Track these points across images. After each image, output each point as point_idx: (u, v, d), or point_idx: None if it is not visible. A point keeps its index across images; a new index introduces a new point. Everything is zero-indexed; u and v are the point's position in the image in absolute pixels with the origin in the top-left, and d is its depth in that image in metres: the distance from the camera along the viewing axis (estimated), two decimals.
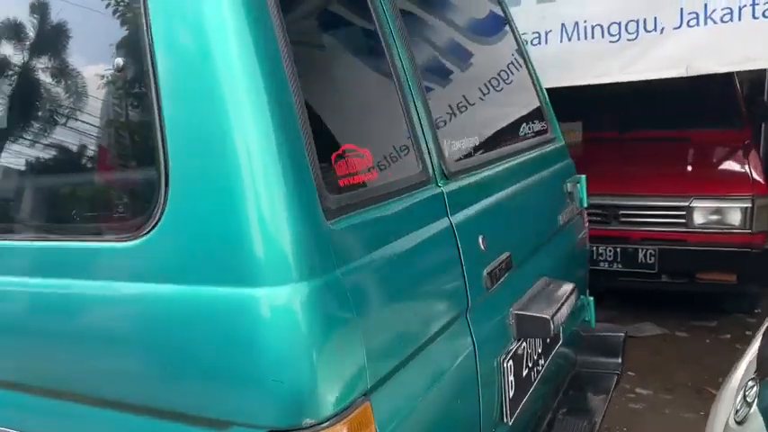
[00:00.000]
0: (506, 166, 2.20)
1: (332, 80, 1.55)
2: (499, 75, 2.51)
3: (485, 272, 1.82)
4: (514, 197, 2.18)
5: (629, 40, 3.96)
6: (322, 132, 1.41)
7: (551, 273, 2.36)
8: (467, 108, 2.15)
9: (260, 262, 1.21)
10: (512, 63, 2.67)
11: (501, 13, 2.71)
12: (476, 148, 2.06)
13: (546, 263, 2.37)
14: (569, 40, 4.07)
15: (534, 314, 1.96)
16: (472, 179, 1.92)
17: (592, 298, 2.97)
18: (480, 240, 1.83)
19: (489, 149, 2.16)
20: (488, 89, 2.40)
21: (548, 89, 3.45)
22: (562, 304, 2.06)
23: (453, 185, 1.81)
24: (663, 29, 3.87)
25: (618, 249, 4.88)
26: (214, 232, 1.25)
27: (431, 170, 1.74)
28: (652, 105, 5.48)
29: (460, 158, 1.94)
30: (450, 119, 2.01)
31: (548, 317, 1.94)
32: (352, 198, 1.40)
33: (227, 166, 1.24)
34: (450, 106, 2.06)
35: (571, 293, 2.16)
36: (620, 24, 3.96)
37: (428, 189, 1.70)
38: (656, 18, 3.87)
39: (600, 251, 4.93)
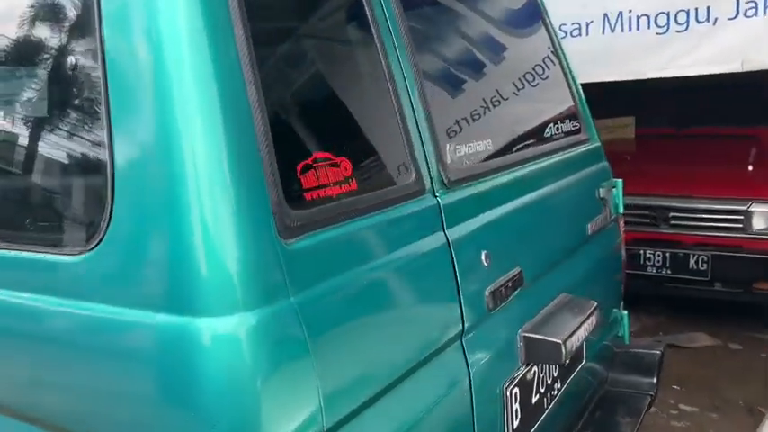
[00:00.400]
0: (524, 171, 2.02)
1: (306, 79, 1.41)
2: (525, 70, 2.32)
3: (487, 291, 1.65)
4: (531, 206, 1.99)
5: (678, 31, 3.66)
6: (288, 140, 1.27)
7: (576, 288, 2.17)
8: (482, 108, 1.98)
9: (200, 288, 1.08)
10: (542, 57, 2.47)
11: (533, 1, 2.51)
12: (487, 153, 1.88)
13: (569, 277, 2.17)
14: (612, 31, 3.80)
15: (544, 337, 1.78)
16: (478, 188, 1.75)
17: (626, 312, 2.76)
18: (483, 256, 1.66)
19: (504, 153, 1.98)
20: (512, 86, 2.21)
21: (596, 83, 3.22)
22: (579, 326, 1.88)
23: (453, 196, 1.64)
24: (716, 19, 3.56)
25: (667, 254, 4.61)
26: (156, 252, 1.13)
27: (427, 179, 1.58)
28: (712, 100, 5.15)
29: (467, 165, 1.76)
30: (460, 120, 1.84)
31: (559, 341, 1.76)
32: (320, 213, 1.25)
33: (170, 177, 1.11)
34: (460, 106, 1.89)
35: (591, 313, 1.97)
36: (668, 15, 3.66)
37: (421, 200, 1.54)
38: (708, 8, 3.57)
39: (647, 255, 4.67)
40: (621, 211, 2.69)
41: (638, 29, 3.77)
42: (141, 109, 1.15)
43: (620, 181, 2.67)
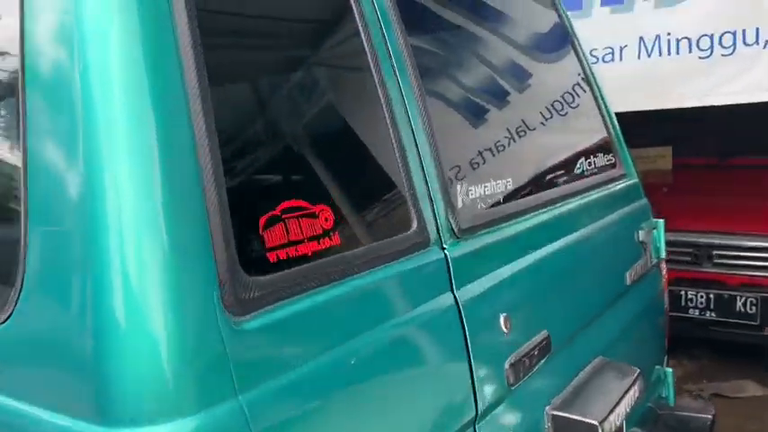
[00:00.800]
0: (552, 214, 1.73)
1: (275, 108, 1.15)
2: (552, 99, 2.05)
3: (507, 363, 1.37)
4: (561, 255, 1.70)
5: (723, 55, 3.35)
6: (248, 185, 1.01)
7: (614, 348, 1.87)
8: (501, 142, 1.71)
9: (118, 389, 0.82)
10: (571, 84, 2.20)
11: (559, 23, 2.25)
12: (507, 194, 1.60)
13: (605, 336, 1.87)
14: (649, 56, 3.49)
15: (577, 417, 1.48)
16: (496, 236, 1.47)
17: (670, 369, 2.43)
18: (502, 321, 1.38)
19: (528, 194, 1.70)
20: (536, 116, 1.94)
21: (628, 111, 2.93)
22: (619, 400, 1.58)
23: (465, 247, 1.36)
24: (766, 42, 3.25)
25: (711, 295, 4.24)
26: (69, 337, 0.87)
27: (432, 228, 1.30)
28: (758, 127, 4.79)
29: (482, 209, 1.49)
30: (474, 156, 1.58)
31: (595, 422, 1.46)
32: (289, 279, 0.99)
33: (87, 233, 0.86)
34: (475, 140, 1.63)
35: (634, 383, 1.66)
36: (711, 37, 3.35)
37: (425, 254, 1.26)
38: (757, 29, 3.26)
39: (689, 296, 4.31)
40: (664, 255, 2.38)
41: (677, 53, 3.46)
42: (64, 147, 0.91)
43: (661, 221, 2.37)
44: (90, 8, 0.90)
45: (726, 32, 3.36)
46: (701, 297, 4.28)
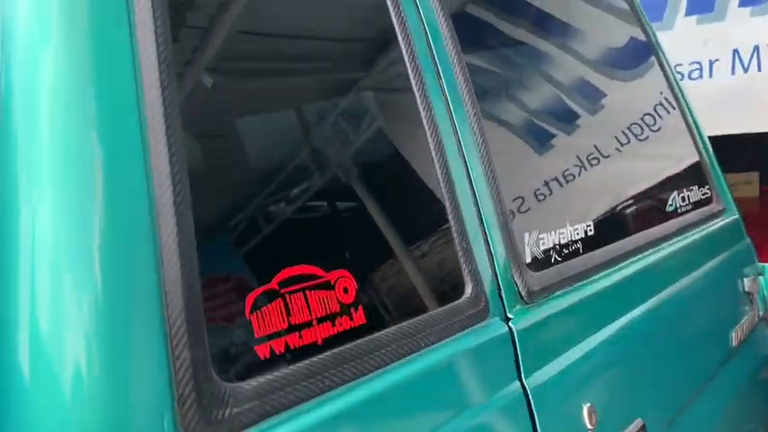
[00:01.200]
0: (641, 267, 1.40)
1: (278, 136, 0.86)
2: (634, 123, 1.72)
3: None
4: (654, 318, 1.37)
5: None
6: (229, 247, 0.73)
7: (720, 428, 1.51)
8: (577, 176, 1.39)
9: None
10: (655, 105, 1.86)
11: (640, 35, 1.92)
12: (586, 242, 1.28)
13: (710, 415, 1.52)
14: (746, 71, 3.06)
15: None
16: (573, 299, 1.15)
17: None
18: (586, 413, 1.05)
19: (611, 242, 1.37)
20: (615, 144, 1.61)
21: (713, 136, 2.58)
22: None
23: (536, 316, 1.05)
24: None
25: None
26: None
27: (493, 292, 0.99)
28: None
29: (556, 263, 1.17)
30: (544, 195, 1.27)
31: None
32: (286, 383, 0.69)
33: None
34: (544, 175, 1.31)
35: None
36: None
37: (482, 330, 0.95)
38: None
39: None
40: None
41: None
42: None
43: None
44: (21, 17, 0.65)
45: None
46: None
